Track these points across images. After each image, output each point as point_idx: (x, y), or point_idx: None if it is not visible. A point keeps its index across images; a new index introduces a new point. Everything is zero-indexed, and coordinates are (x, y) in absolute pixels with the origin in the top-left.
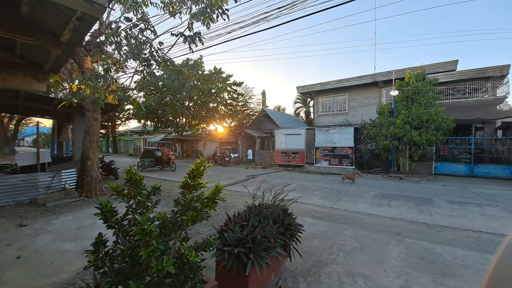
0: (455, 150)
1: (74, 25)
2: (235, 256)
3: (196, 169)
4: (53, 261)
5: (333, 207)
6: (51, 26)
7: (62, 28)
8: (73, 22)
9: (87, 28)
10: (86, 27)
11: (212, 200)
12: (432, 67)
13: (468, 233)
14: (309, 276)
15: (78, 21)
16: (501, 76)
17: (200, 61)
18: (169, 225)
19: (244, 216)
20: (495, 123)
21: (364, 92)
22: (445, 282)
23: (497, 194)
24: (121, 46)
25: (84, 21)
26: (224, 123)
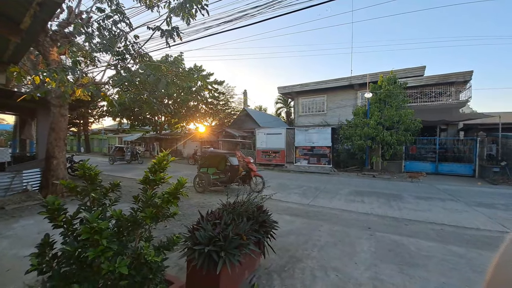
0: (422, 149)
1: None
2: (206, 255)
3: (158, 163)
4: (11, 268)
5: (311, 204)
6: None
7: (22, 14)
8: (33, 7)
9: (49, 14)
10: (48, 13)
11: (173, 195)
12: (403, 72)
13: (432, 226)
14: (283, 272)
15: (39, 6)
16: (464, 82)
17: (180, 58)
18: (126, 223)
19: (218, 214)
20: (457, 125)
21: (341, 94)
22: (410, 272)
23: (459, 190)
24: (92, 38)
25: (45, 6)
26: (205, 122)
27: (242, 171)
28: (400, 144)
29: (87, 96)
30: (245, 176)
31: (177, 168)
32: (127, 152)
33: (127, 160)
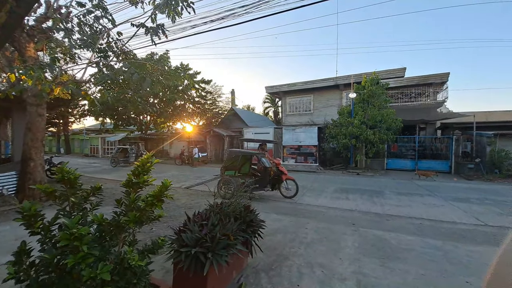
0: (403, 147)
1: (11, 6)
2: (193, 256)
3: (142, 166)
4: None
5: (298, 202)
6: None
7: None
8: (10, 2)
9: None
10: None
11: (158, 198)
12: (385, 73)
13: (412, 221)
14: (270, 271)
15: (16, 1)
16: (441, 83)
17: (166, 56)
18: (108, 228)
19: (205, 215)
20: (435, 124)
21: (327, 94)
22: (391, 265)
23: (437, 186)
24: (71, 34)
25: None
26: (192, 122)
27: (272, 172)
28: (382, 143)
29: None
30: (275, 180)
31: (163, 168)
32: (131, 153)
33: (131, 162)
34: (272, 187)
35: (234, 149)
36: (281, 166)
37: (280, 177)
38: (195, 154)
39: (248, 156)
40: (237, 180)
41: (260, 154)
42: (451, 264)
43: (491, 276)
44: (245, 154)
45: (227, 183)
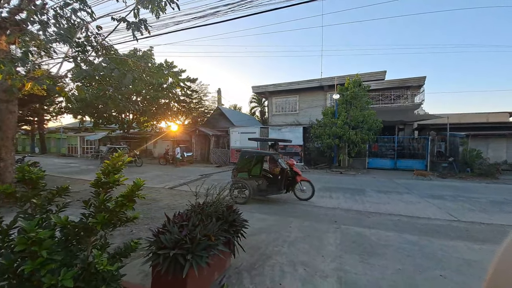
0: (383, 147)
1: None
2: (172, 259)
3: (112, 164)
4: None
5: (282, 201)
6: None
7: None
8: None
9: None
10: None
11: (129, 198)
12: (367, 75)
13: (390, 217)
14: (253, 270)
15: None
16: (418, 86)
17: (150, 53)
18: (74, 231)
19: (185, 215)
20: (413, 125)
21: (312, 95)
22: (371, 261)
23: (414, 184)
24: (47, 27)
25: None
26: (177, 121)
27: (287, 174)
28: (364, 143)
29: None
30: (289, 182)
31: (147, 168)
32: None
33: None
34: (286, 189)
35: (248, 150)
36: (295, 167)
37: (295, 178)
38: (177, 154)
39: (261, 157)
40: (252, 183)
41: (275, 154)
42: (427, 258)
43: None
44: (259, 155)
45: (241, 186)
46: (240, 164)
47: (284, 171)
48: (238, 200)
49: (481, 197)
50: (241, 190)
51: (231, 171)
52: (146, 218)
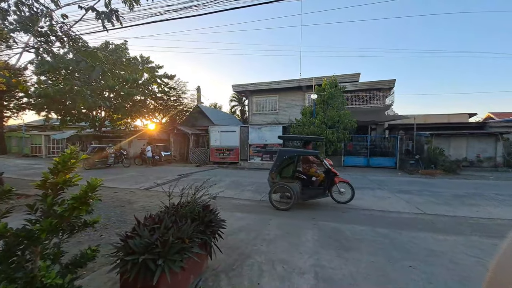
0: (357, 146)
1: None
2: (141, 265)
3: (62, 162)
4: None
5: (262, 200)
6: None
7: None
8: None
9: None
10: None
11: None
12: (342, 77)
13: (364, 212)
14: (231, 271)
15: None
16: (389, 88)
17: (124, 47)
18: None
19: (158, 217)
20: (384, 125)
21: (291, 94)
22: (346, 255)
23: (385, 180)
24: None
25: None
26: (154, 119)
27: (322, 177)
28: (340, 141)
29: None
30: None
31: (121, 169)
32: (110, 154)
33: (111, 163)
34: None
35: (287, 149)
36: (333, 167)
37: (333, 179)
38: (147, 152)
39: (298, 157)
40: (296, 186)
41: (318, 153)
42: (397, 250)
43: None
44: (299, 154)
45: (284, 190)
46: (281, 166)
47: (329, 172)
48: (280, 206)
49: (444, 192)
50: (284, 195)
51: (268, 173)
52: (118, 221)
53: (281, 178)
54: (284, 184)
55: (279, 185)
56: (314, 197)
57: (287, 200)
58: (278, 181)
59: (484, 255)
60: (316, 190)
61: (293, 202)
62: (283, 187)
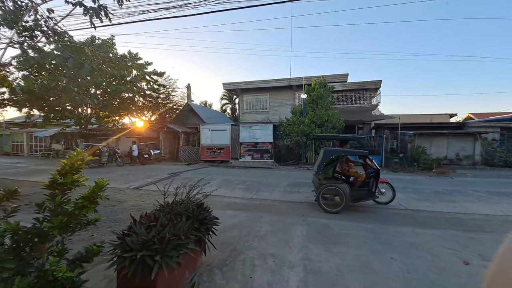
0: None
1: None
2: (139, 261)
3: (70, 164)
4: None
5: (253, 197)
6: None
7: None
8: None
9: None
10: None
11: (90, 200)
12: (331, 77)
13: (350, 208)
14: (224, 266)
15: None
16: (375, 89)
17: (111, 42)
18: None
19: (153, 216)
20: (370, 124)
21: (282, 93)
22: (333, 249)
23: None
24: None
25: None
26: (143, 117)
27: (364, 177)
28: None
29: None
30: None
31: (110, 168)
32: (104, 152)
33: (104, 163)
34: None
35: (333, 148)
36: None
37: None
38: (133, 151)
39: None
40: (345, 188)
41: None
42: (380, 243)
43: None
44: (346, 154)
45: (334, 192)
46: (327, 167)
47: (378, 172)
48: (330, 209)
49: (425, 188)
50: (333, 197)
51: (313, 174)
52: (109, 221)
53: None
54: (334, 185)
55: (329, 187)
56: (361, 199)
57: (335, 201)
58: (326, 182)
59: (460, 248)
60: (361, 191)
61: (344, 204)
62: (332, 189)
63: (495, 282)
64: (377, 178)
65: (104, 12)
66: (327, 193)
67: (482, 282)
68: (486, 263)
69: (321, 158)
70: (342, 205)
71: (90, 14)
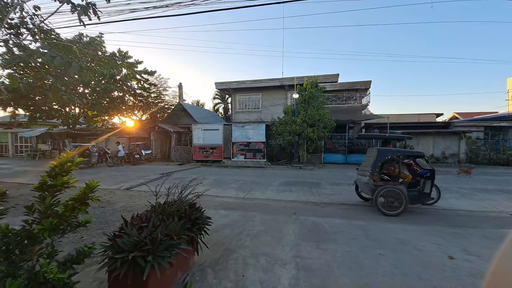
0: (336, 144)
1: None
2: (131, 262)
3: (60, 165)
4: None
5: (246, 197)
6: None
7: None
8: None
9: None
10: None
11: (81, 201)
12: (322, 77)
13: (341, 206)
14: (217, 266)
15: None
16: (365, 89)
17: (100, 40)
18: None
19: (145, 216)
20: (360, 123)
21: (274, 93)
22: (324, 246)
23: None
24: None
25: None
26: (134, 116)
27: (410, 178)
28: (320, 140)
29: None
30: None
31: (99, 168)
32: (94, 153)
33: (94, 163)
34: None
35: (387, 148)
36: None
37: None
38: (119, 152)
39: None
40: (404, 189)
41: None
42: (369, 240)
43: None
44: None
45: (393, 194)
46: (384, 168)
47: (433, 172)
48: (389, 211)
49: None
50: (393, 199)
51: (369, 176)
52: (99, 222)
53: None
54: (393, 187)
55: (388, 189)
56: (418, 201)
57: (392, 203)
58: (382, 184)
59: (445, 242)
60: (411, 192)
61: (404, 206)
62: (392, 191)
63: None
64: (433, 179)
65: (92, 9)
66: (386, 195)
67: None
68: (470, 257)
69: (375, 159)
70: (402, 207)
71: (78, 12)
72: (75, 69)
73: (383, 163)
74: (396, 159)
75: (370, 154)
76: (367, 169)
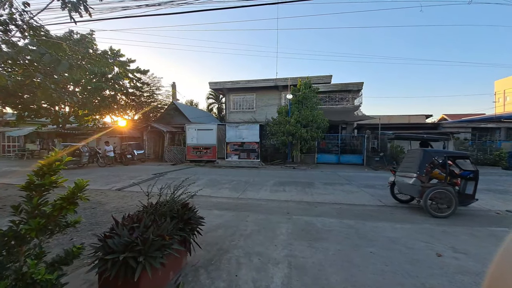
0: (329, 144)
1: None
2: (122, 263)
3: (47, 164)
4: None
5: (240, 197)
6: None
7: None
8: None
9: None
10: None
11: (69, 201)
12: (315, 78)
13: (333, 206)
14: (210, 266)
15: None
16: (357, 90)
17: (91, 37)
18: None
19: (136, 217)
20: (353, 124)
21: (268, 93)
22: (316, 245)
23: (353, 176)
24: None
25: None
26: (126, 116)
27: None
28: (313, 140)
29: None
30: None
31: (90, 169)
32: (84, 153)
33: (85, 163)
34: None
35: (434, 149)
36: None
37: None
38: (108, 152)
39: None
40: (453, 190)
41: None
42: (360, 238)
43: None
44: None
45: (444, 196)
46: (431, 169)
47: (477, 173)
48: (439, 213)
49: None
50: (443, 200)
51: (416, 177)
52: (90, 224)
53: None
54: (444, 188)
55: (438, 190)
56: (462, 203)
57: (442, 205)
58: (431, 186)
59: (433, 241)
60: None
61: (454, 208)
62: (442, 192)
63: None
64: (477, 180)
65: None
66: (436, 197)
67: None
68: (458, 255)
69: (421, 159)
70: (453, 208)
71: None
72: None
73: (430, 164)
74: (442, 161)
75: (413, 155)
76: (412, 170)
